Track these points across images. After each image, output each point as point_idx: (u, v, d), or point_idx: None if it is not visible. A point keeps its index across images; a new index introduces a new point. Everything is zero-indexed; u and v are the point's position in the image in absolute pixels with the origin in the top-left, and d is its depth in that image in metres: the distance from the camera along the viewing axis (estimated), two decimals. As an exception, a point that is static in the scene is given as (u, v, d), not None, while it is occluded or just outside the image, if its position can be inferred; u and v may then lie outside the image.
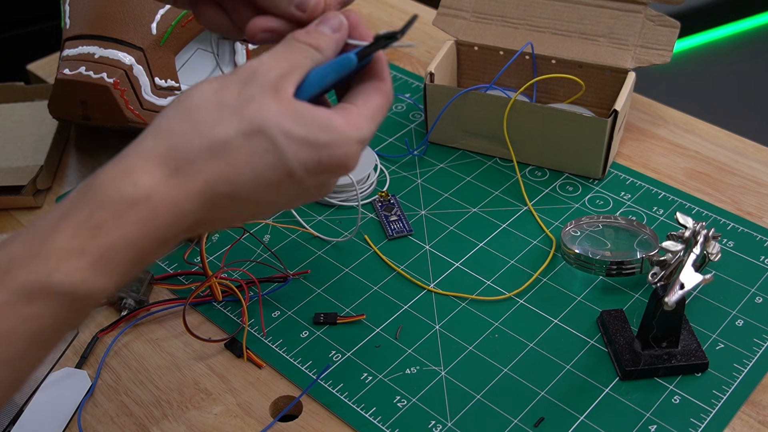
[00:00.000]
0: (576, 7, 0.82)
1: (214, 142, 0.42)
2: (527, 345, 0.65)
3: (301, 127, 0.43)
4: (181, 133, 0.42)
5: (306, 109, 0.43)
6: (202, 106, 0.43)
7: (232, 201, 0.43)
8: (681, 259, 0.60)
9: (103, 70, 0.75)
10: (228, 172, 0.42)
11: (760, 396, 0.61)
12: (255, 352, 0.65)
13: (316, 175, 0.44)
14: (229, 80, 0.44)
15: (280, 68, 0.44)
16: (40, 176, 0.80)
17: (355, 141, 0.44)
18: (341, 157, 0.44)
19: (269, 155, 0.42)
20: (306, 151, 0.43)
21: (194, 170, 0.41)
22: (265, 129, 0.42)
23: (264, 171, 0.42)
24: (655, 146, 0.83)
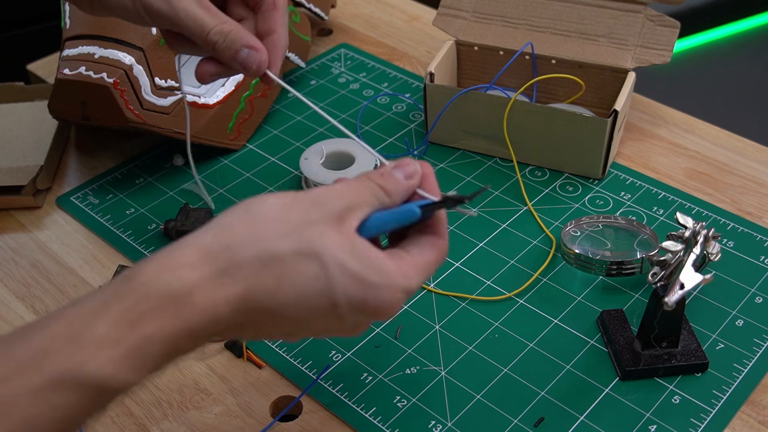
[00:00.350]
0: (576, 7, 0.82)
1: (268, 253, 0.42)
2: (527, 345, 0.65)
3: (355, 263, 0.43)
4: (239, 236, 0.43)
5: (364, 246, 0.44)
6: (268, 216, 0.44)
7: (270, 316, 0.43)
8: (681, 259, 0.60)
9: (103, 70, 0.75)
10: (273, 286, 0.42)
11: (760, 396, 0.61)
12: (255, 352, 0.65)
13: (357, 313, 0.44)
14: (299, 199, 0.45)
15: (348, 201, 0.45)
16: (40, 176, 0.80)
17: (402, 289, 0.45)
18: (385, 302, 0.44)
19: (318, 282, 0.43)
20: (355, 287, 0.43)
21: (240, 276, 0.42)
22: (321, 255, 0.43)
23: (309, 295, 0.43)
24: (655, 146, 0.83)
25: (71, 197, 0.81)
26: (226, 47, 0.57)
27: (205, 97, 0.82)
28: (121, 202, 0.80)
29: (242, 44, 0.57)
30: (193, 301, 0.41)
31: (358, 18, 1.06)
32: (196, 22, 0.57)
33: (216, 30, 0.57)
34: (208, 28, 0.57)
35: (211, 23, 0.57)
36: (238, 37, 0.57)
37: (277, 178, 0.82)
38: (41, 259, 0.75)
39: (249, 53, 0.58)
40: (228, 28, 0.57)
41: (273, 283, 0.42)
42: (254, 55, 0.58)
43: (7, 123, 0.87)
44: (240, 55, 0.57)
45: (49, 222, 0.79)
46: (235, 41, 0.57)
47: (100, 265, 0.74)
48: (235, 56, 0.57)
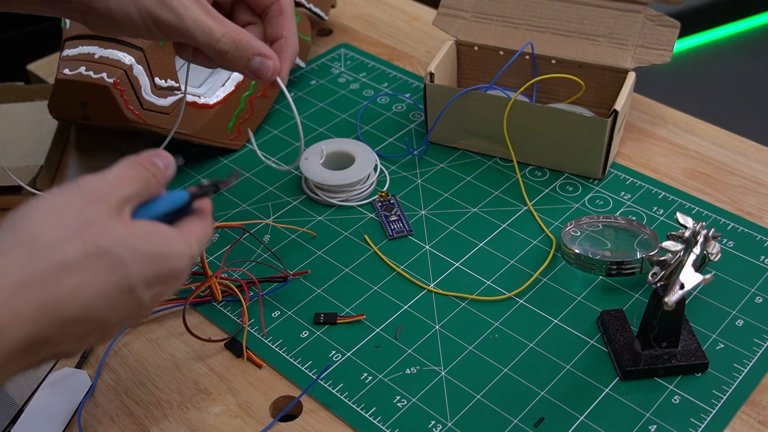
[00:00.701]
0: (576, 7, 0.82)
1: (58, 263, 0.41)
2: (527, 345, 0.65)
3: (144, 243, 0.44)
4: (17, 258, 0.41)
5: (146, 225, 0.45)
6: (42, 226, 0.42)
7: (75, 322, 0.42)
8: (681, 259, 0.60)
9: (103, 70, 0.75)
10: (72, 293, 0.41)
11: (760, 396, 0.61)
12: (255, 352, 0.65)
13: (151, 288, 0.44)
14: (70, 198, 0.44)
15: (123, 192, 0.45)
16: (40, 176, 0.80)
17: (189, 256, 0.46)
18: (176, 271, 0.45)
19: (115, 275, 0.42)
20: (148, 265, 0.44)
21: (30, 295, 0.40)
22: (110, 249, 0.42)
23: (108, 289, 0.42)
24: (655, 146, 0.83)
25: (71, 197, 0.81)
26: (238, 56, 0.57)
27: (205, 97, 0.82)
28: (121, 202, 0.80)
29: (254, 52, 0.57)
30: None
31: (358, 18, 1.06)
32: (204, 31, 0.56)
33: (226, 38, 0.56)
34: (217, 36, 0.56)
35: (219, 31, 0.56)
36: (249, 45, 0.57)
37: (277, 178, 0.82)
38: (41, 259, 0.75)
39: (262, 61, 0.57)
40: (238, 37, 0.57)
41: (70, 291, 0.41)
42: (267, 63, 0.58)
43: (7, 123, 0.87)
44: (252, 64, 0.57)
45: (49, 222, 0.79)
46: (246, 49, 0.57)
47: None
48: (247, 65, 0.57)
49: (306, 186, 0.80)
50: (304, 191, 0.79)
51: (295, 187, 0.81)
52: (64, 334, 0.42)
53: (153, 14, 0.55)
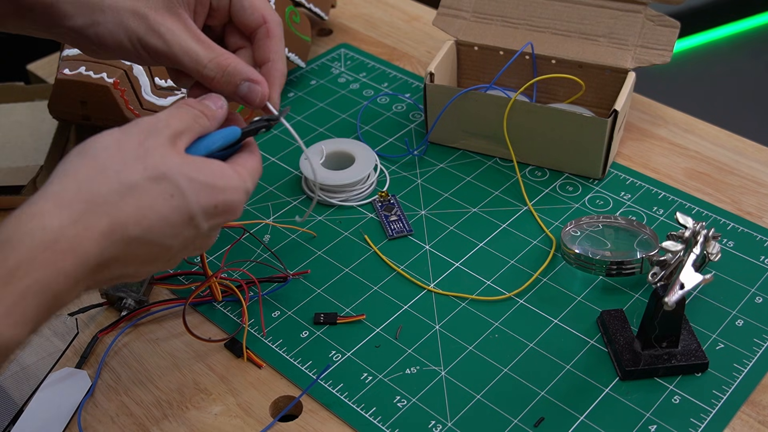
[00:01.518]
0: (576, 7, 0.82)
1: (122, 185, 0.44)
2: (527, 345, 0.65)
3: (200, 174, 0.47)
4: (88, 177, 0.44)
5: (201, 160, 0.48)
6: (107, 153, 0.45)
7: (138, 243, 0.45)
8: (681, 259, 0.60)
9: (103, 70, 0.75)
10: (136, 214, 0.44)
11: (760, 396, 0.61)
12: (255, 352, 0.65)
13: (210, 219, 0.48)
14: (130, 132, 0.47)
15: (175, 126, 0.48)
16: (40, 176, 0.80)
17: (243, 190, 0.50)
18: (232, 203, 0.49)
19: (174, 199, 0.46)
20: (206, 194, 0.47)
21: (102, 212, 0.43)
22: (169, 175, 0.46)
23: (169, 214, 0.46)
24: (655, 146, 0.83)
25: (71, 197, 0.81)
26: (226, 82, 0.56)
27: (205, 97, 0.82)
28: (121, 202, 0.80)
29: (241, 78, 0.56)
30: (61, 246, 0.42)
31: (358, 18, 1.06)
32: (191, 57, 0.56)
33: (212, 64, 0.56)
34: (204, 62, 0.56)
35: (206, 57, 0.56)
36: (236, 71, 0.56)
37: (277, 178, 0.82)
38: (41, 259, 0.75)
39: (250, 87, 0.57)
40: (225, 62, 0.56)
41: (135, 211, 0.44)
42: (256, 88, 0.57)
43: (7, 123, 0.87)
44: (240, 90, 0.56)
45: (49, 222, 0.79)
46: (233, 75, 0.56)
47: (100, 265, 0.74)
48: (236, 90, 0.57)
49: (306, 186, 0.80)
50: (304, 191, 0.80)
51: (295, 187, 0.81)
52: (130, 255, 0.45)
53: (142, 41, 0.55)
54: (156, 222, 0.45)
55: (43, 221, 0.42)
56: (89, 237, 0.43)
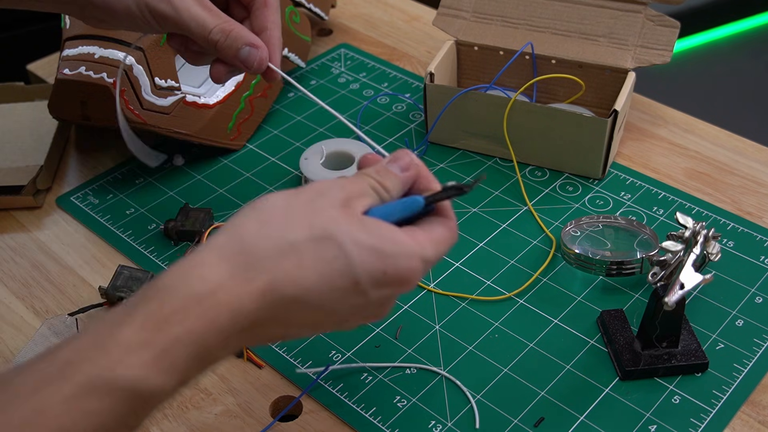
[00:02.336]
0: (576, 7, 0.82)
1: (284, 242, 0.43)
2: (527, 345, 0.65)
3: (368, 237, 0.44)
4: (251, 233, 0.43)
5: (373, 222, 0.45)
6: (274, 210, 0.44)
7: (298, 305, 0.43)
8: (681, 259, 0.60)
9: (103, 70, 0.75)
10: (295, 274, 0.43)
11: (760, 396, 0.61)
12: (255, 352, 0.65)
13: (379, 288, 0.45)
14: (302, 192, 0.46)
15: (350, 190, 0.46)
16: (40, 176, 0.80)
17: (419, 257, 0.45)
18: (404, 271, 0.45)
19: (337, 261, 0.43)
20: (372, 260, 0.44)
21: (261, 269, 0.42)
22: (335, 236, 0.43)
23: (331, 277, 0.43)
24: (655, 146, 0.83)
25: (71, 197, 0.81)
26: (228, 45, 0.59)
27: (205, 97, 0.82)
28: (121, 202, 0.80)
29: (243, 42, 0.59)
30: (217, 300, 0.41)
31: (358, 18, 1.06)
32: (198, 22, 0.58)
33: (217, 29, 0.59)
34: (210, 27, 0.58)
35: (212, 23, 0.59)
36: (239, 35, 0.59)
37: (277, 178, 0.81)
38: (41, 259, 0.75)
39: (250, 51, 0.59)
40: (229, 27, 0.59)
41: (294, 271, 0.43)
42: (255, 52, 0.59)
43: (7, 123, 0.87)
44: (241, 53, 0.59)
45: (49, 222, 0.79)
46: (236, 39, 0.59)
47: (100, 265, 0.74)
48: (237, 54, 0.59)
49: (306, 186, 0.80)
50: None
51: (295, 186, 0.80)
52: (288, 316, 0.43)
53: (150, 6, 0.57)
54: (315, 284, 0.43)
55: (203, 271, 0.41)
56: (246, 294, 0.42)
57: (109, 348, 0.39)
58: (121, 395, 0.39)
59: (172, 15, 0.57)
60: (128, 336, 0.39)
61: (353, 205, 0.46)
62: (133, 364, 0.39)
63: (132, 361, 0.39)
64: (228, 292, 0.41)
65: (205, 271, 0.42)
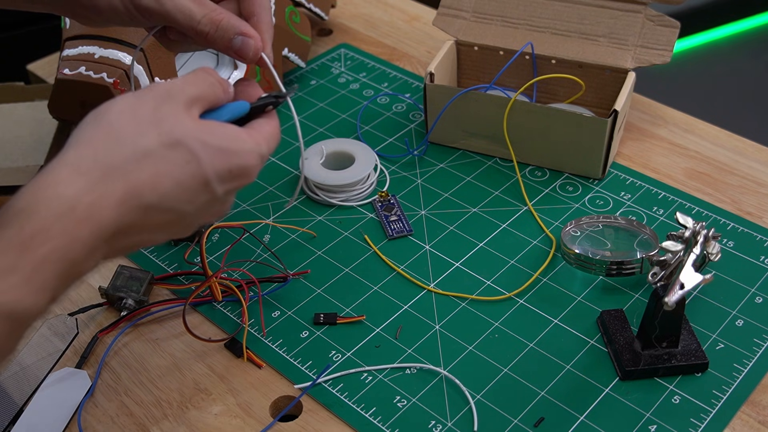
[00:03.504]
0: (576, 7, 0.82)
1: (137, 152, 0.44)
2: (527, 345, 0.65)
3: (214, 139, 0.47)
4: (103, 144, 0.44)
5: (215, 124, 0.48)
6: (122, 119, 0.45)
7: (155, 210, 0.45)
8: (681, 259, 0.60)
9: (103, 70, 0.75)
10: (151, 180, 0.44)
11: (760, 396, 0.61)
12: (255, 352, 0.65)
13: (225, 183, 0.48)
14: (145, 97, 0.47)
15: (190, 92, 0.48)
16: (40, 176, 0.80)
17: (258, 153, 0.49)
18: (246, 166, 0.48)
19: (189, 165, 0.45)
20: (220, 159, 0.47)
21: (117, 179, 0.43)
22: (184, 141, 0.46)
23: (185, 179, 0.45)
24: (655, 146, 0.83)
25: (71, 197, 0.81)
26: (219, 36, 0.57)
27: (205, 97, 0.82)
28: (121, 202, 0.80)
29: (235, 32, 0.57)
30: (77, 214, 0.42)
31: (358, 18, 1.06)
32: (185, 13, 0.57)
33: (206, 20, 0.57)
34: (198, 17, 0.57)
35: (200, 13, 0.57)
36: (230, 25, 0.57)
37: (277, 178, 0.82)
38: (41, 259, 0.75)
39: (243, 40, 0.58)
40: (219, 17, 0.57)
41: (150, 178, 0.44)
42: (249, 42, 0.58)
43: (7, 123, 0.87)
44: (234, 44, 0.58)
45: (49, 222, 0.79)
46: (227, 30, 0.57)
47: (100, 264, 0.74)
48: (230, 45, 0.58)
49: (306, 186, 0.80)
50: (304, 191, 0.80)
51: (295, 187, 0.81)
52: (147, 222, 0.45)
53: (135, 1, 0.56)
54: (172, 188, 0.45)
55: (58, 189, 0.42)
56: (105, 205, 0.42)
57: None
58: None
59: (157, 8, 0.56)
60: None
61: (193, 108, 0.48)
62: (3, 289, 0.39)
63: (2, 286, 0.39)
64: (86, 206, 0.42)
65: (61, 189, 0.42)
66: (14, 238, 0.40)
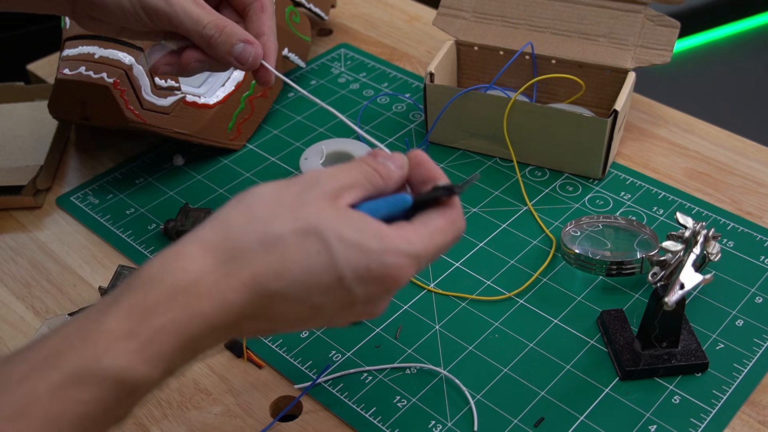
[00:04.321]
0: (576, 7, 0.82)
1: (267, 236, 0.42)
2: (527, 345, 0.65)
3: (353, 232, 0.43)
4: (236, 225, 0.43)
5: (359, 216, 0.44)
6: (261, 202, 0.44)
7: (281, 299, 0.43)
8: (681, 259, 0.60)
9: (103, 70, 0.75)
10: (278, 267, 0.42)
11: (760, 396, 0.61)
12: (255, 352, 0.65)
13: (365, 284, 0.44)
14: (291, 183, 0.45)
15: (342, 180, 0.45)
16: (40, 176, 0.80)
17: (405, 253, 0.44)
18: (390, 267, 0.44)
19: (321, 256, 0.43)
20: (356, 255, 0.43)
21: (244, 262, 0.42)
22: (319, 230, 0.43)
23: (315, 271, 0.43)
24: (655, 146, 0.83)
25: (71, 197, 0.81)
26: (222, 41, 0.59)
27: (205, 97, 0.82)
28: (121, 202, 0.80)
29: (238, 39, 0.59)
30: (200, 291, 0.41)
31: (358, 18, 1.06)
32: (192, 18, 0.59)
33: (212, 25, 0.59)
34: (204, 22, 0.59)
35: (207, 18, 0.59)
36: (233, 32, 0.59)
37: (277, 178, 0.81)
38: (41, 259, 0.75)
39: (244, 47, 0.60)
40: (223, 24, 0.59)
41: (277, 265, 0.42)
42: (249, 48, 0.60)
43: (7, 123, 0.87)
44: (235, 50, 0.59)
45: (49, 222, 0.79)
46: (230, 36, 0.59)
47: (100, 265, 0.74)
48: (231, 50, 0.59)
49: (306, 186, 0.79)
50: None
51: (295, 187, 0.80)
52: (275, 309, 0.43)
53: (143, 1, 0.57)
54: (299, 278, 0.42)
55: (185, 263, 0.41)
56: (230, 285, 0.41)
57: (94, 338, 0.39)
58: (107, 385, 0.39)
59: (166, 10, 0.58)
60: (113, 326, 0.40)
61: (342, 196, 0.45)
62: (118, 354, 0.39)
63: (117, 350, 0.39)
64: (210, 283, 0.41)
65: (188, 263, 0.41)
66: (138, 305, 0.40)
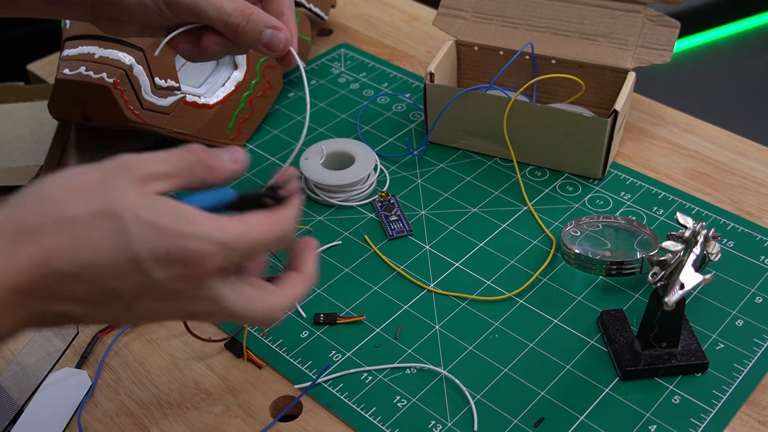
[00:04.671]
0: (576, 7, 0.82)
1: (61, 217, 0.41)
2: (527, 345, 0.65)
3: (152, 214, 0.41)
4: (29, 207, 0.41)
5: (166, 201, 0.42)
6: (59, 185, 0.42)
7: (73, 281, 0.41)
8: (681, 259, 0.60)
9: (103, 70, 0.75)
10: (68, 248, 0.40)
11: (760, 396, 0.61)
12: (255, 352, 0.65)
13: (164, 267, 0.41)
14: (95, 168, 0.43)
15: (153, 168, 0.43)
16: (40, 176, 0.80)
17: (212, 240, 0.42)
18: (194, 253, 0.41)
19: (116, 237, 0.40)
20: (154, 236, 0.41)
21: (32, 242, 0.40)
22: (118, 213, 0.41)
23: (107, 253, 0.40)
24: (655, 146, 0.83)
25: (71, 197, 0.81)
26: (250, 29, 0.58)
27: (205, 97, 0.82)
28: (121, 202, 0.80)
29: (265, 25, 0.58)
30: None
31: (358, 18, 1.06)
32: (216, 6, 0.57)
33: (237, 12, 0.58)
34: (229, 11, 0.58)
35: (230, 6, 0.58)
36: (260, 18, 0.58)
37: (277, 178, 0.81)
38: (41, 259, 0.75)
39: (273, 33, 0.58)
40: (249, 11, 0.58)
41: (68, 245, 0.40)
42: (278, 34, 0.59)
43: (7, 123, 0.87)
44: (264, 36, 0.58)
45: (49, 222, 0.79)
46: (258, 23, 0.58)
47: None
48: (259, 37, 0.58)
49: (306, 186, 0.80)
50: (304, 191, 0.79)
51: (295, 187, 0.80)
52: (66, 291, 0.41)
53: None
54: (91, 259, 0.40)
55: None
56: (15, 265, 0.40)
57: None
58: None
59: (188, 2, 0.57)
60: None
61: (150, 184, 0.43)
62: None
63: None
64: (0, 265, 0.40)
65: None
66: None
